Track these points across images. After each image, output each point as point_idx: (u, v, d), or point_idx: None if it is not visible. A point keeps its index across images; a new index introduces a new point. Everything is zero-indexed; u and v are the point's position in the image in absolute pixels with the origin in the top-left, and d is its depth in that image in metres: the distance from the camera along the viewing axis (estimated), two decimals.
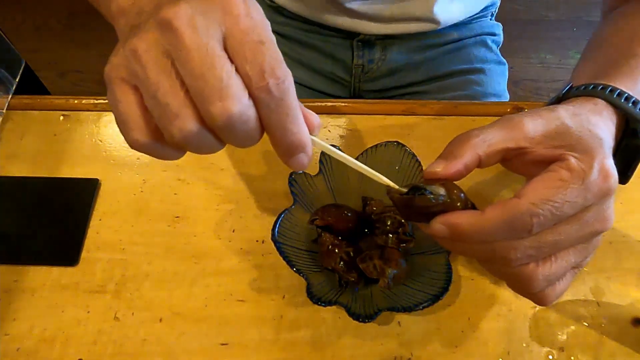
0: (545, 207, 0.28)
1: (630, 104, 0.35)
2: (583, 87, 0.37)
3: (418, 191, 0.31)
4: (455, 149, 0.32)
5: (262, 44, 0.27)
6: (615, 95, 0.35)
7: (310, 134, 0.30)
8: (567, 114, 0.32)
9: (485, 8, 0.73)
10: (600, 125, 0.33)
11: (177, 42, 0.26)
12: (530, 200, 0.29)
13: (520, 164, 0.32)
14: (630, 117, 0.36)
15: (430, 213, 0.31)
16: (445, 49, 0.71)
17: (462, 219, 0.30)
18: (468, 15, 0.70)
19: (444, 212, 0.30)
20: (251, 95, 0.27)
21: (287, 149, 0.29)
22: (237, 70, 0.26)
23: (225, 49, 0.27)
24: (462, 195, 0.31)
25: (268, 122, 0.28)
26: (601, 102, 0.35)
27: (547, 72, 1.63)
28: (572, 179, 0.29)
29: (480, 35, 0.73)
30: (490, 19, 0.76)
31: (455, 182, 0.32)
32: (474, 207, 0.32)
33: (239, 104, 0.26)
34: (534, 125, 0.31)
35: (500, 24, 0.77)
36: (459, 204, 0.31)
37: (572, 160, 0.30)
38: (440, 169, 0.31)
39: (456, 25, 0.70)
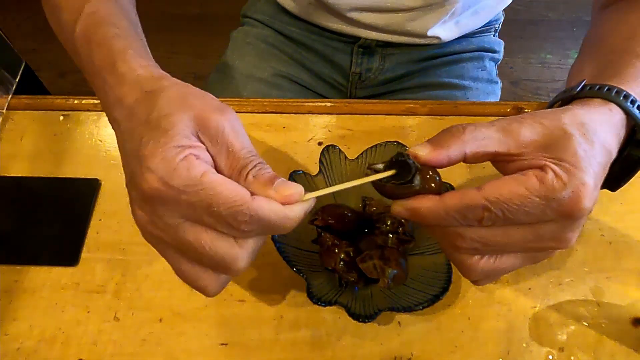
0: (498, 207, 0.29)
1: None
2: (598, 87, 0.36)
3: (395, 176, 0.31)
4: (445, 139, 0.31)
5: (210, 207, 0.29)
6: (629, 102, 0.34)
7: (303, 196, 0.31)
8: (573, 123, 0.31)
9: (489, 22, 0.73)
10: (606, 138, 0.32)
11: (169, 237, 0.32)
12: (487, 196, 0.29)
13: (508, 168, 0.32)
14: (638, 127, 0.35)
15: (404, 195, 0.32)
16: (443, 60, 0.71)
17: (421, 204, 0.31)
18: (464, 33, 0.70)
19: (417, 194, 0.32)
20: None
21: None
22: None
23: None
24: (438, 179, 0.32)
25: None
26: (616, 109, 0.34)
27: (547, 72, 1.63)
28: (538, 191, 0.29)
29: (479, 50, 0.73)
30: (494, 35, 0.76)
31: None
32: (451, 188, 0.32)
33: (241, 260, 0.31)
34: (531, 133, 0.31)
35: (502, 41, 0.77)
36: (433, 188, 0.31)
37: (549, 175, 0.29)
38: (423, 154, 0.31)
39: (457, 38, 0.70)
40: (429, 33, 0.65)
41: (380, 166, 0.32)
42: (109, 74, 0.36)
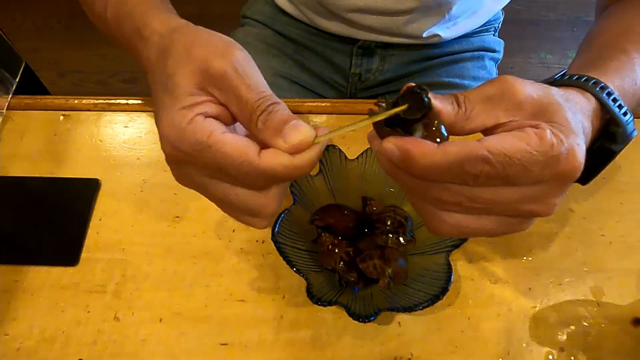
0: (500, 161, 0.27)
1: (616, 106, 0.35)
2: (576, 76, 0.36)
3: (399, 123, 0.28)
4: (477, 110, 0.29)
5: (221, 168, 0.31)
6: (605, 94, 0.35)
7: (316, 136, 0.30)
8: (561, 98, 0.31)
9: (488, 22, 0.73)
10: (585, 122, 0.32)
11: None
12: (489, 147, 0.27)
13: (493, 132, 0.30)
14: (613, 119, 0.35)
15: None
16: (442, 60, 0.71)
17: (418, 147, 0.27)
18: (463, 33, 0.70)
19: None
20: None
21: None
22: None
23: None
24: (446, 136, 0.28)
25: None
26: (592, 99, 0.35)
27: (547, 72, 1.63)
28: (539, 147, 0.28)
29: (479, 50, 0.73)
30: (494, 35, 0.76)
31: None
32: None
33: (269, 206, 0.33)
34: (526, 101, 0.30)
35: (502, 40, 0.77)
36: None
37: (547, 132, 0.28)
38: (449, 112, 0.29)
39: (457, 38, 0.70)
40: (426, 34, 0.65)
41: (384, 105, 0.29)
42: (138, 41, 0.38)
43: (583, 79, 0.36)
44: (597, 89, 0.35)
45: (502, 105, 0.30)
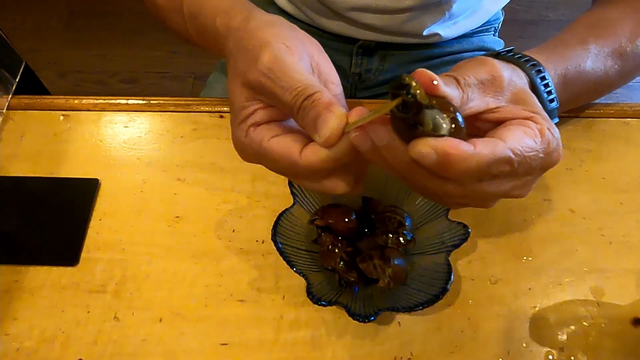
0: (519, 160, 0.27)
1: (545, 92, 0.36)
2: (518, 55, 0.37)
3: (416, 121, 0.26)
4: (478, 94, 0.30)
5: (277, 168, 0.34)
6: (539, 77, 0.36)
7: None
8: (522, 82, 0.32)
9: (488, 22, 0.73)
10: None
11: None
12: (512, 148, 0.27)
13: (485, 120, 0.31)
14: (538, 98, 0.36)
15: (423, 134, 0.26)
16: (443, 60, 0.71)
17: (457, 149, 0.25)
18: (463, 33, 0.70)
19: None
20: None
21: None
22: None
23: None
24: (462, 122, 0.26)
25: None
26: (526, 77, 0.35)
27: None
28: (542, 144, 0.28)
29: (479, 50, 0.72)
30: (494, 35, 0.76)
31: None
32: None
33: (338, 186, 0.33)
34: (507, 86, 0.31)
35: (502, 40, 0.77)
36: (459, 135, 0.26)
37: (545, 125, 0.29)
38: (456, 98, 0.29)
39: (457, 38, 0.70)
40: (426, 33, 0.65)
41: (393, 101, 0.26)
42: (221, 55, 0.43)
43: (523, 59, 0.37)
44: (533, 71, 0.36)
45: (492, 90, 0.31)
